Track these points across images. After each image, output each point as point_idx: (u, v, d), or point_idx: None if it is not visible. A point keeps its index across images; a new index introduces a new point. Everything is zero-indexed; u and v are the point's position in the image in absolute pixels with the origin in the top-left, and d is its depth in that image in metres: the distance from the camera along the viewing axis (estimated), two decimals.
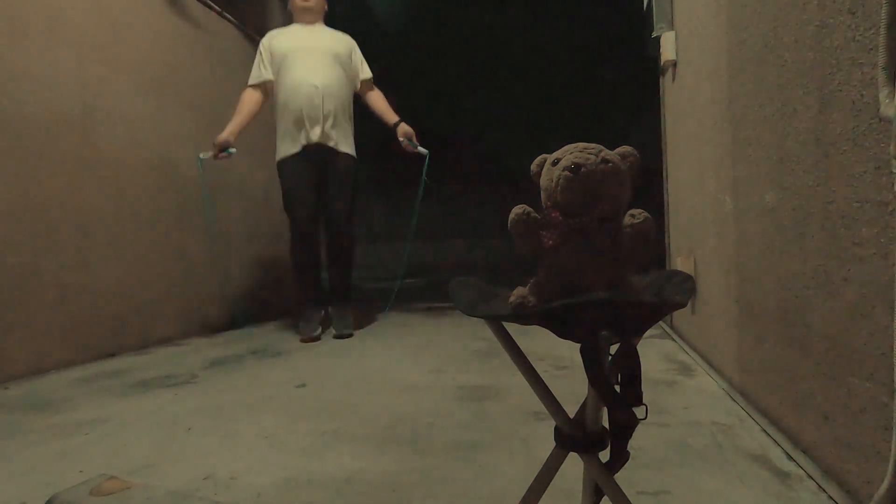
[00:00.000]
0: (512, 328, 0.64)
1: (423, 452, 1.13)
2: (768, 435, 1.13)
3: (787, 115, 1.02)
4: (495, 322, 0.64)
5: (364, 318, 3.07)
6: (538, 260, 0.63)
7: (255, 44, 3.35)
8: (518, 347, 0.64)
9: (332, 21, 2.75)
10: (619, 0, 4.67)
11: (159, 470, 1.07)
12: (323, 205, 2.58)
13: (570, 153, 0.61)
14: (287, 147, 2.52)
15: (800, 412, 1.02)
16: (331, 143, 2.50)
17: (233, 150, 2.50)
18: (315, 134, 2.45)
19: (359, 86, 2.68)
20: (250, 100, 2.57)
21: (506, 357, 0.66)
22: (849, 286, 0.82)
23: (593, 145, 0.62)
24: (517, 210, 0.62)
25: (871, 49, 0.72)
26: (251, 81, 2.59)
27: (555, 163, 0.62)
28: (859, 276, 0.79)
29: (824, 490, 0.89)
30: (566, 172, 0.60)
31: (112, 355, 2.23)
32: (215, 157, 2.49)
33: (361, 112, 2.73)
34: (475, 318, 0.65)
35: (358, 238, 2.69)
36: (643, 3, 2.51)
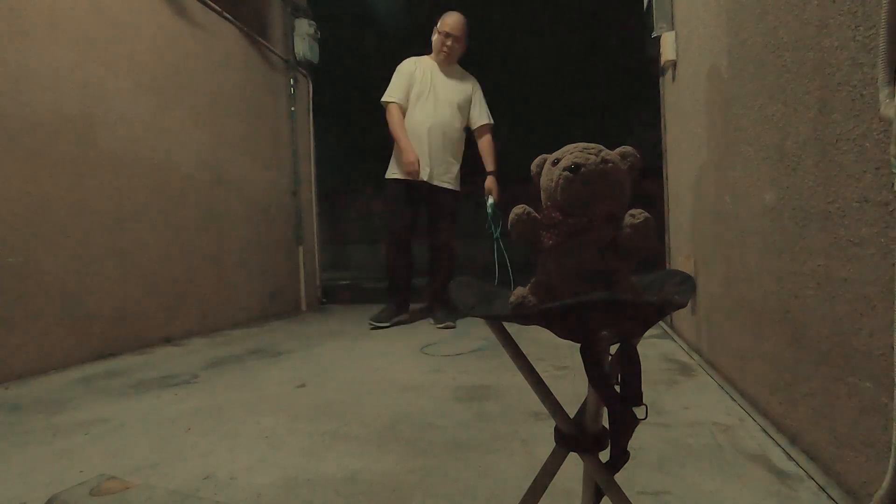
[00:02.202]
0: (512, 328, 0.64)
1: (423, 452, 1.13)
2: (768, 435, 1.13)
3: (787, 115, 1.02)
4: (495, 322, 0.64)
5: (364, 318, 3.06)
6: (538, 260, 0.63)
7: (255, 44, 3.36)
8: (518, 347, 0.64)
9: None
10: (619, 0, 4.66)
11: (159, 470, 1.07)
12: (428, 232, 2.94)
13: (570, 153, 0.61)
14: (395, 171, 2.82)
15: (800, 412, 1.02)
16: (435, 182, 2.82)
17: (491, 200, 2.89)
18: (424, 173, 2.76)
19: (474, 125, 2.95)
20: (398, 114, 2.80)
21: (506, 357, 0.66)
22: (849, 286, 0.82)
23: (593, 145, 0.62)
24: (517, 210, 0.62)
25: (871, 49, 0.72)
26: (394, 98, 2.80)
27: (555, 163, 0.62)
28: (859, 276, 0.78)
29: (824, 490, 0.89)
30: (566, 172, 0.60)
31: (112, 355, 2.23)
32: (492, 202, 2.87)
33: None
34: (475, 318, 0.65)
35: (457, 255, 3.01)
36: (643, 3, 2.51)
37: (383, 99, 2.81)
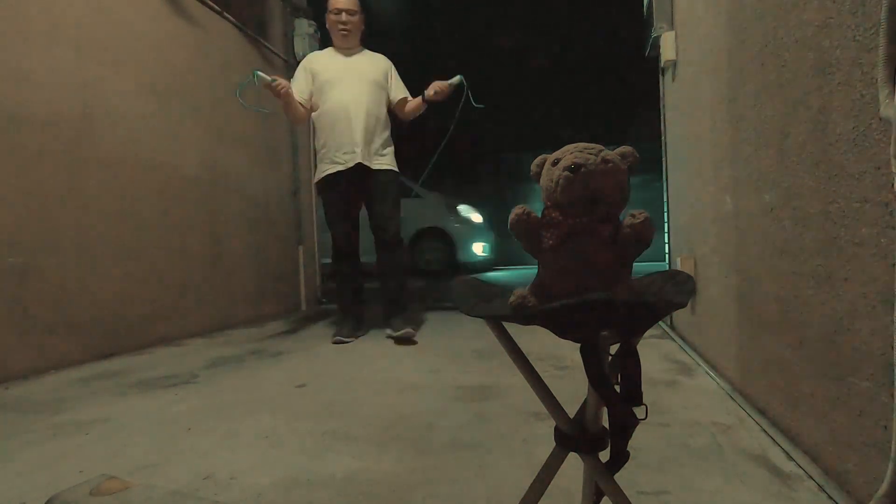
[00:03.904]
0: (512, 328, 0.64)
1: (423, 452, 1.13)
2: (768, 435, 1.13)
3: (787, 115, 1.02)
4: (495, 322, 0.64)
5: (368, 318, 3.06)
6: (538, 260, 0.63)
7: (255, 44, 3.36)
8: (518, 347, 0.64)
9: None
10: (619, 0, 4.67)
11: (159, 470, 1.07)
12: (372, 225, 2.64)
13: (570, 153, 0.61)
14: (326, 167, 2.60)
15: (800, 412, 1.02)
16: (370, 164, 2.56)
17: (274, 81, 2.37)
18: (355, 156, 2.52)
19: (393, 102, 2.72)
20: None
21: (506, 357, 0.66)
22: (849, 286, 0.82)
23: (593, 145, 0.62)
24: (517, 210, 0.62)
25: (871, 49, 0.72)
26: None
27: (555, 163, 0.62)
28: (859, 276, 0.78)
29: (824, 490, 0.89)
30: (566, 172, 0.60)
31: (112, 355, 2.23)
32: (269, 86, 2.38)
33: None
34: (475, 318, 0.65)
35: (404, 246, 2.73)
36: (643, 3, 2.51)
37: None
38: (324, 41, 2.84)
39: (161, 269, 2.55)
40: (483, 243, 6.49)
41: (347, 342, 2.49)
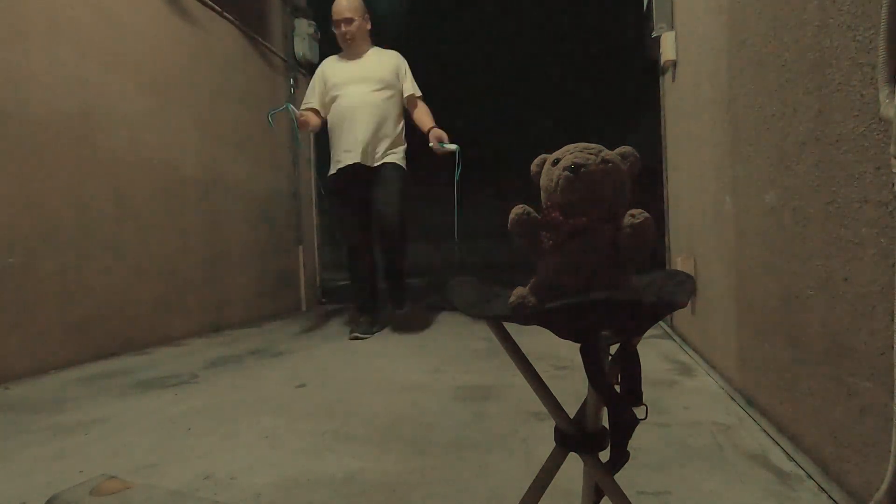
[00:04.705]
0: (512, 328, 0.64)
1: (423, 452, 1.13)
2: (768, 435, 1.13)
3: (787, 115, 1.02)
4: (495, 322, 0.64)
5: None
6: (538, 260, 0.63)
7: (255, 44, 3.36)
8: (518, 347, 0.64)
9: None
10: (619, 0, 4.66)
11: (159, 470, 1.07)
12: (375, 217, 2.67)
13: (570, 153, 0.61)
14: (332, 167, 2.68)
15: (800, 412, 1.02)
16: (373, 163, 2.62)
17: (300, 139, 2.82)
18: (356, 155, 2.57)
19: (405, 100, 2.78)
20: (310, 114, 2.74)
21: (506, 357, 0.66)
22: (849, 286, 0.82)
23: (593, 145, 0.62)
24: (517, 210, 0.62)
25: (871, 49, 0.72)
26: (306, 105, 2.75)
27: (555, 163, 0.62)
28: (859, 276, 0.78)
29: (824, 490, 0.89)
30: (566, 172, 0.60)
31: (112, 355, 2.23)
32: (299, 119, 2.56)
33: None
34: (475, 318, 0.65)
35: (409, 241, 2.78)
36: (643, 3, 2.51)
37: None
38: (330, 46, 2.91)
39: (161, 268, 2.55)
40: None
41: (364, 338, 2.56)
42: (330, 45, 3.21)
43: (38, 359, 1.94)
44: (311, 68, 3.90)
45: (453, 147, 2.60)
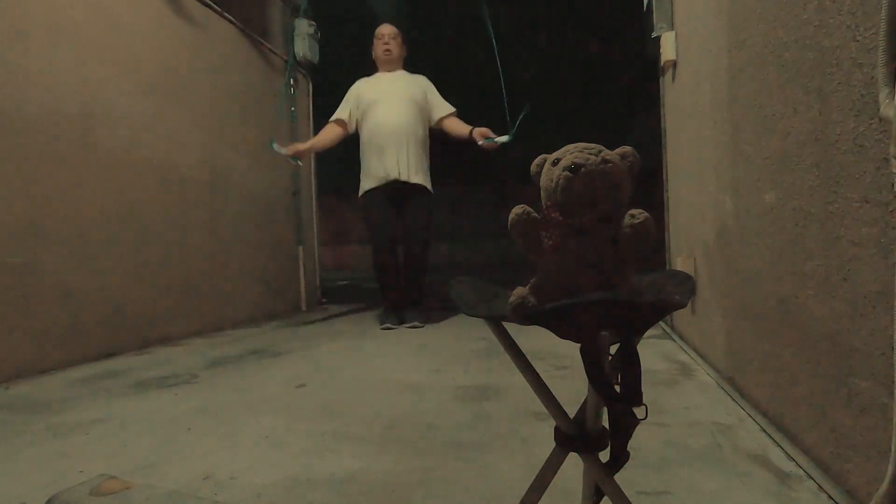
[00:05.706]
0: (512, 328, 0.64)
1: (423, 452, 1.13)
2: (768, 435, 1.13)
3: (787, 115, 1.02)
4: (495, 322, 0.64)
5: (367, 318, 3.07)
6: (538, 260, 0.63)
7: (255, 44, 3.36)
8: (518, 347, 0.64)
9: None
10: (619, 0, 4.67)
11: (159, 470, 1.07)
12: (401, 231, 2.94)
13: (570, 153, 0.61)
14: (369, 182, 2.89)
15: (800, 412, 1.02)
16: (406, 179, 2.83)
17: (300, 162, 3.02)
18: (393, 171, 2.79)
19: (437, 118, 2.97)
20: (329, 128, 2.99)
21: (506, 357, 0.66)
22: (849, 286, 0.82)
23: (593, 145, 0.62)
24: (517, 210, 0.62)
25: (871, 49, 0.72)
26: (333, 118, 2.99)
27: (555, 163, 0.62)
28: (859, 276, 0.78)
29: (824, 490, 0.89)
30: (566, 172, 0.60)
31: (112, 355, 2.23)
32: (289, 155, 2.86)
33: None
34: (475, 318, 0.65)
35: (430, 255, 3.06)
36: (643, 4, 2.51)
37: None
38: (330, 46, 3.18)
39: (161, 268, 2.55)
40: None
41: (395, 329, 2.79)
42: (330, 45, 3.24)
43: (38, 359, 1.94)
44: (310, 68, 3.91)
45: (504, 139, 2.67)
